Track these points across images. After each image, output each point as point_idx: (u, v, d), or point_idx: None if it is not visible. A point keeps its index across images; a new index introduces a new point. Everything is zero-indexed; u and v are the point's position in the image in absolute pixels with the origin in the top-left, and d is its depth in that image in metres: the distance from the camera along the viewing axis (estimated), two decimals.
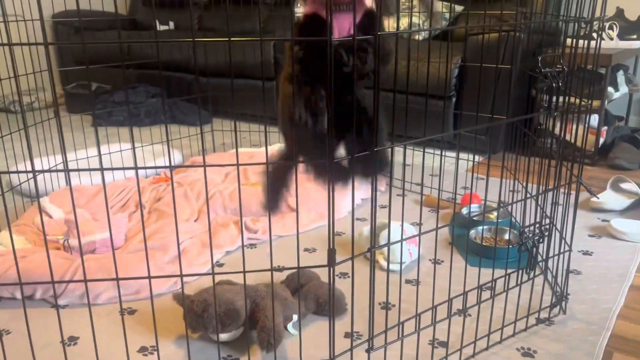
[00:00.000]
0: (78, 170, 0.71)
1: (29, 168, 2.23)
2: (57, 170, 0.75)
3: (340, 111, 0.90)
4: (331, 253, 0.88)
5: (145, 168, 0.72)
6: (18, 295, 1.46)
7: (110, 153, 2.44)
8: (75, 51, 4.09)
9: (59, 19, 4.03)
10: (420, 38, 2.91)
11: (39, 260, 1.48)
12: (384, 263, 1.56)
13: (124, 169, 0.70)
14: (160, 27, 4.23)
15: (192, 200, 1.95)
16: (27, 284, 0.95)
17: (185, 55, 3.60)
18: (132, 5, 4.65)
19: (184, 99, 3.47)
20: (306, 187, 2.00)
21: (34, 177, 0.77)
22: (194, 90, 3.58)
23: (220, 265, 1.64)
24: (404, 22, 3.02)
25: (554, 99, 1.16)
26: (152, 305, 0.87)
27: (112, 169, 0.71)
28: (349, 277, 1.55)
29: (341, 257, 1.62)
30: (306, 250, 1.74)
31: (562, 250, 1.35)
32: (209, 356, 1.22)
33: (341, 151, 1.09)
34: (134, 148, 0.80)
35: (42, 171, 0.69)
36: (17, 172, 0.74)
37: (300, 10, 3.12)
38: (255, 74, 3.34)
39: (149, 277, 0.79)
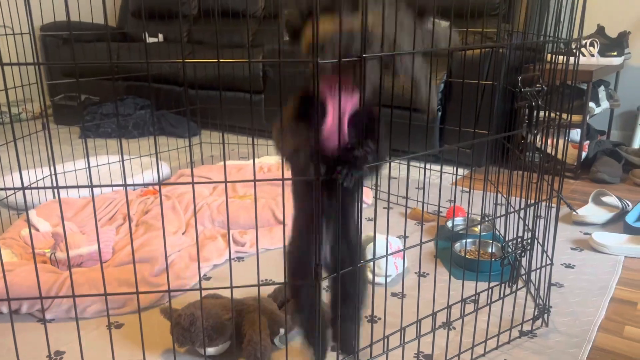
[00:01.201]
0: (67, 187, 0.72)
1: (16, 180, 2.23)
2: (45, 188, 0.76)
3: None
4: (317, 268, 0.90)
5: (134, 185, 0.73)
6: (4, 309, 1.45)
7: (98, 166, 2.44)
8: (64, 64, 4.08)
9: (48, 33, 4.03)
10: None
11: (26, 274, 1.48)
12: (369, 276, 1.58)
13: (112, 185, 0.72)
14: (150, 40, 4.24)
15: (180, 213, 1.96)
16: (15, 299, 0.95)
17: (174, 68, 3.62)
18: (121, 17, 4.67)
19: (172, 111, 3.48)
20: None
21: (23, 192, 0.78)
22: (182, 102, 3.59)
23: (208, 278, 1.65)
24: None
25: (535, 116, 1.20)
26: (139, 320, 0.88)
27: (101, 185, 0.72)
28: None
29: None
30: None
31: (544, 263, 1.38)
32: None
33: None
34: (122, 161, 0.82)
35: (31, 188, 0.70)
36: (5, 188, 0.75)
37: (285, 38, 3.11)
38: (244, 87, 3.36)
39: (137, 293, 0.80)
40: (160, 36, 4.28)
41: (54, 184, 2.09)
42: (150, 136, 3.41)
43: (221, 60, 0.82)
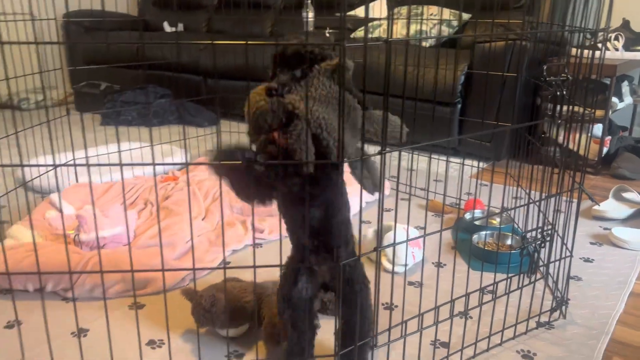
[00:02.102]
0: (99, 165, 0.74)
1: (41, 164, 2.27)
2: (77, 165, 0.78)
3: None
4: (338, 251, 0.91)
5: (163, 164, 0.75)
6: (30, 287, 1.49)
7: (119, 152, 2.47)
8: (85, 51, 4.13)
9: (72, 19, 4.08)
10: (427, 45, 2.94)
11: (51, 253, 1.51)
12: (387, 265, 1.59)
13: (142, 164, 0.73)
14: (170, 29, 4.28)
15: (200, 200, 1.98)
16: (45, 273, 0.98)
17: (193, 57, 3.64)
18: (142, 7, 4.70)
19: (191, 100, 3.51)
20: None
21: (55, 171, 0.80)
22: (201, 91, 3.62)
23: (227, 263, 1.67)
24: (412, 29, 3.06)
25: (558, 107, 1.19)
26: (164, 298, 0.90)
27: (132, 164, 0.74)
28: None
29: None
30: None
31: (563, 255, 1.38)
32: (216, 351, 1.25)
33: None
34: (152, 145, 0.84)
35: (65, 165, 0.72)
36: (38, 165, 0.77)
37: (309, 16, 3.14)
38: (263, 77, 3.37)
39: (163, 270, 0.82)
40: (180, 26, 4.31)
41: (82, 164, 2.13)
42: (169, 125, 3.45)
43: (249, 42, 0.83)
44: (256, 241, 1.82)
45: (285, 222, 1.03)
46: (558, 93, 1.12)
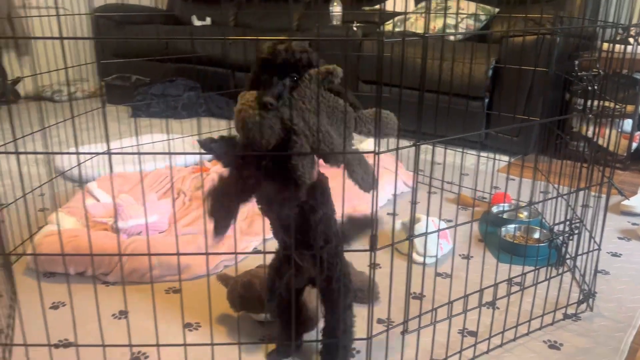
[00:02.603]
0: (149, 154, 0.79)
1: (76, 155, 2.35)
2: (127, 153, 0.83)
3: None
4: (373, 238, 0.95)
5: (207, 154, 0.79)
6: (71, 271, 1.56)
7: (153, 142, 2.55)
8: (115, 44, 4.22)
9: (101, 14, 4.17)
10: (455, 39, 2.94)
11: (93, 239, 1.58)
12: (416, 256, 1.62)
13: (193, 153, 0.78)
14: (198, 23, 4.34)
15: None
16: (97, 255, 1.04)
17: (221, 51, 3.70)
18: (171, 1, 4.78)
19: (219, 93, 3.57)
20: (340, 181, 2.07)
21: (109, 157, 0.85)
22: (229, 84, 3.67)
23: (259, 251, 1.72)
24: (438, 23, 3.06)
25: (589, 102, 1.20)
26: (207, 280, 0.95)
27: (184, 153, 0.79)
28: (379, 267, 1.62)
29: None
30: None
31: (591, 248, 1.39)
32: (249, 335, 1.30)
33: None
34: (199, 134, 0.88)
35: (118, 153, 0.77)
36: (90, 153, 0.82)
37: (335, 10, 3.17)
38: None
39: (207, 254, 0.87)
40: (208, 19, 4.37)
41: (132, 152, 2.19)
42: (198, 117, 3.52)
43: (293, 38, 0.87)
44: None
45: (269, 220, 1.06)
46: (589, 88, 1.13)
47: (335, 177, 1.06)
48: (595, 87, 1.14)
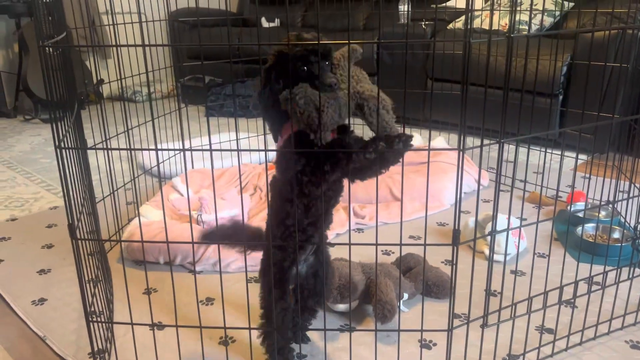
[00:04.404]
0: (247, 150, 0.86)
1: (156, 152, 2.50)
2: (227, 150, 0.91)
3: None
4: (455, 233, 0.98)
5: (273, 150, 0.87)
6: (161, 260, 1.68)
7: (231, 140, 2.66)
8: (189, 47, 4.42)
9: (177, 19, 4.37)
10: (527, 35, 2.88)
11: (179, 231, 1.69)
12: (493, 254, 1.62)
13: (257, 150, 0.84)
14: (267, 24, 4.47)
15: None
16: (172, 242, 1.13)
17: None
18: (241, 3, 4.94)
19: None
20: (410, 178, 2.10)
21: (210, 154, 0.93)
22: None
23: (332, 245, 1.78)
24: (506, 20, 3.01)
25: None
26: (296, 269, 1.01)
27: (275, 150, 0.85)
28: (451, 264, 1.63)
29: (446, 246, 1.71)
30: (411, 237, 1.83)
31: None
32: (328, 324, 1.36)
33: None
34: (265, 134, 0.95)
35: (215, 149, 0.84)
36: (172, 149, 0.90)
37: (405, 8, 3.19)
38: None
39: (296, 244, 0.93)
40: (277, 21, 4.49)
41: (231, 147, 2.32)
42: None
43: (351, 42, 0.92)
44: (357, 226, 1.91)
45: (281, 208, 1.08)
46: None
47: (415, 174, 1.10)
48: None
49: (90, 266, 1.28)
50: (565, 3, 2.93)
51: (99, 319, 1.23)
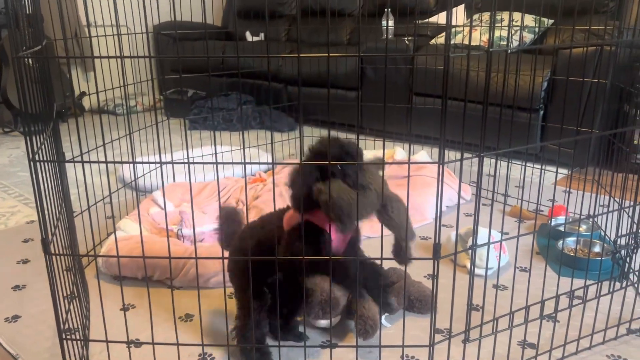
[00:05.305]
0: (196, 163, 0.85)
1: (138, 166, 2.47)
2: (207, 163, 0.89)
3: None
4: (436, 247, 0.97)
5: (252, 163, 0.84)
6: (139, 275, 1.64)
7: (214, 154, 2.64)
8: (173, 60, 4.41)
9: (162, 32, 4.36)
10: (509, 51, 2.92)
11: (157, 244, 1.66)
12: (475, 268, 1.62)
13: (261, 163, 0.83)
14: (252, 38, 4.47)
15: (287, 199, 2.09)
16: (149, 257, 1.10)
17: (274, 66, 3.80)
18: (225, 17, 4.94)
19: (273, 106, 3.66)
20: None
21: (162, 168, 0.91)
22: (282, 98, 3.77)
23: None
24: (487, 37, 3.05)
25: None
26: (277, 284, 0.99)
27: (258, 163, 0.84)
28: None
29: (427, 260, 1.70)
30: None
31: None
32: (312, 340, 1.34)
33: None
34: (243, 149, 0.94)
35: (169, 163, 0.83)
36: (148, 162, 0.88)
37: (386, 24, 3.23)
38: (342, 84, 3.48)
39: (276, 258, 0.91)
40: (262, 35, 4.50)
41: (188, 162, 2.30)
42: (252, 129, 3.62)
43: (331, 54, 0.92)
44: None
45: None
46: None
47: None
48: None
49: (65, 282, 1.25)
50: (545, 20, 2.98)
51: (73, 337, 1.20)
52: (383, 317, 1.39)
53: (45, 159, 1.04)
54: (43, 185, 1.00)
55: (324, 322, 1.36)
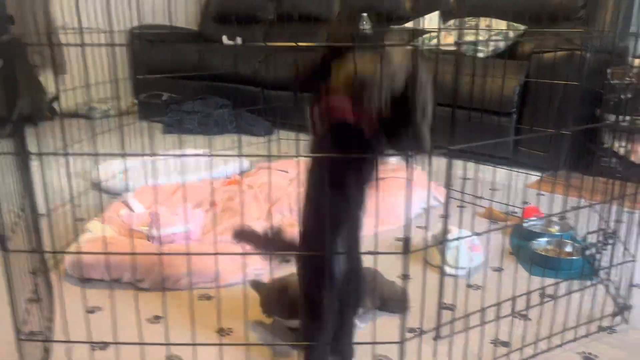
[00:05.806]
0: (187, 155, 0.83)
1: (113, 169, 2.42)
2: (139, 154, 0.87)
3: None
4: (406, 241, 0.96)
5: (248, 156, 0.82)
6: (106, 277, 1.60)
7: (214, 155, 2.60)
8: (149, 63, 4.35)
9: (140, 31, 4.31)
10: (482, 56, 2.95)
11: (124, 246, 1.62)
12: (447, 268, 1.62)
13: (193, 155, 0.81)
14: (228, 42, 4.45)
15: (261, 202, 2.07)
16: (111, 253, 1.07)
17: (251, 69, 3.78)
18: (203, 21, 4.91)
19: (249, 110, 3.64)
20: (369, 193, 2.08)
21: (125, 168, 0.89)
22: (258, 102, 3.75)
23: (288, 261, 1.74)
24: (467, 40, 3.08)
25: (623, 109, 1.21)
26: (244, 286, 0.97)
27: (193, 156, 0.82)
28: (410, 278, 1.62)
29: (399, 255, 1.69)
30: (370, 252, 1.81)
31: (625, 259, 1.38)
32: (281, 341, 1.31)
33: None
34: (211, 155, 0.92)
35: (132, 155, 0.81)
36: (136, 154, 0.86)
37: (366, 28, 3.24)
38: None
39: (244, 254, 0.89)
40: (239, 39, 4.47)
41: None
42: (229, 133, 3.58)
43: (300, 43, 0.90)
44: None
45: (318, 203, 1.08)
46: (622, 97, 1.13)
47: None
48: (629, 96, 1.14)
49: (28, 284, 1.20)
50: (519, 25, 3.02)
51: (34, 339, 1.15)
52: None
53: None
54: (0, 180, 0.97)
55: (295, 322, 1.34)
